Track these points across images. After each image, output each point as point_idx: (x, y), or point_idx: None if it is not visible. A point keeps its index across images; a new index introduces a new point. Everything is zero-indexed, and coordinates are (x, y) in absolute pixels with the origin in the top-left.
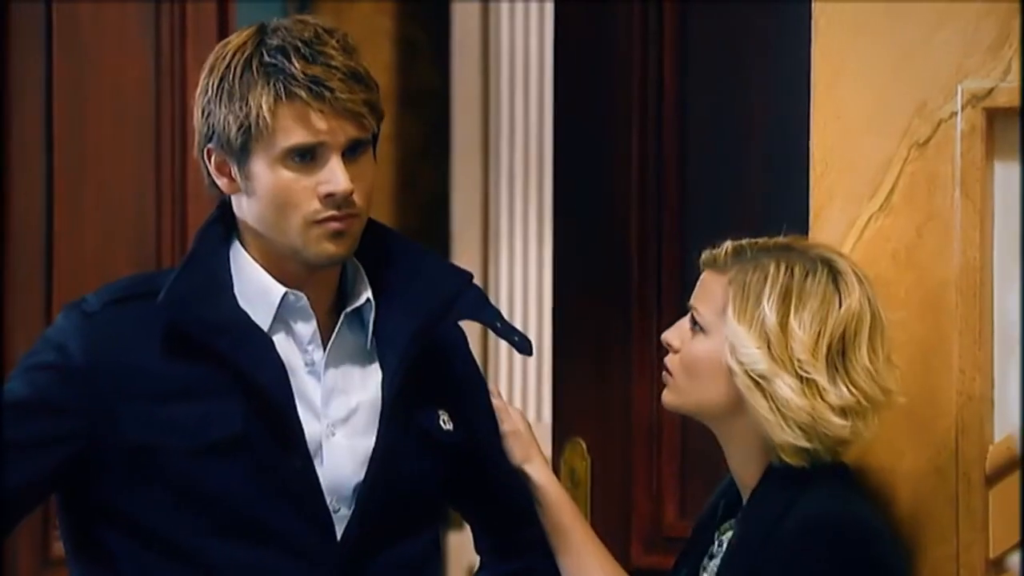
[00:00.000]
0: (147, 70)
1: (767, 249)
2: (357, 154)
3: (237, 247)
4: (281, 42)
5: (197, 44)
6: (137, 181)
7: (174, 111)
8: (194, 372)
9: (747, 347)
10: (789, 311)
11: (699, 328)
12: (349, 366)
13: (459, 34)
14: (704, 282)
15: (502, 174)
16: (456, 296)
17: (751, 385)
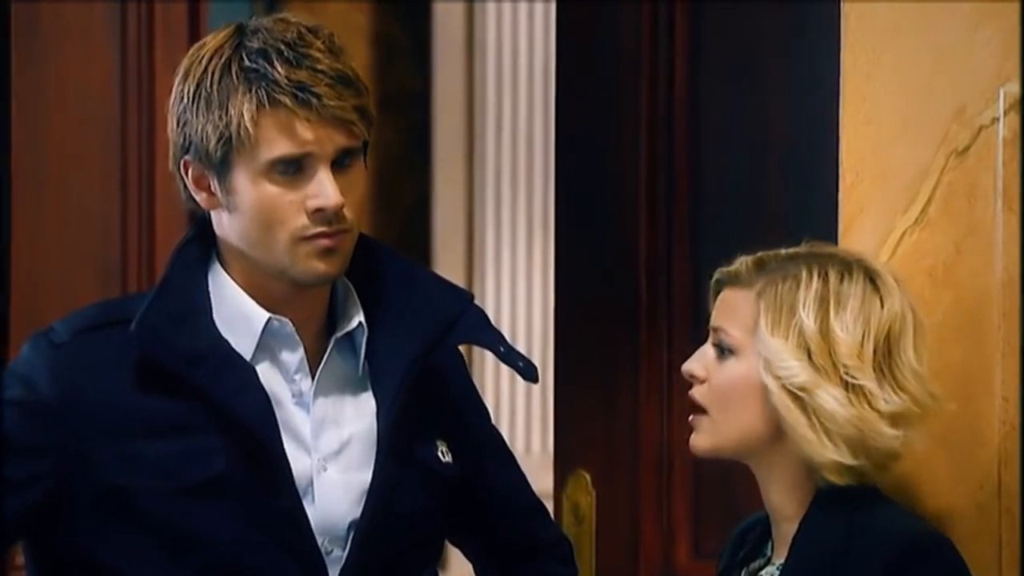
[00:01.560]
0: (112, 74)
1: (793, 258)
2: (347, 164)
3: (216, 268)
4: (262, 44)
5: (166, 46)
6: (101, 192)
7: (141, 117)
8: (171, 406)
9: (785, 360)
10: (829, 315)
11: (727, 351)
12: (340, 395)
13: (441, 31)
14: (726, 300)
15: (487, 182)
16: (456, 318)
17: (789, 402)
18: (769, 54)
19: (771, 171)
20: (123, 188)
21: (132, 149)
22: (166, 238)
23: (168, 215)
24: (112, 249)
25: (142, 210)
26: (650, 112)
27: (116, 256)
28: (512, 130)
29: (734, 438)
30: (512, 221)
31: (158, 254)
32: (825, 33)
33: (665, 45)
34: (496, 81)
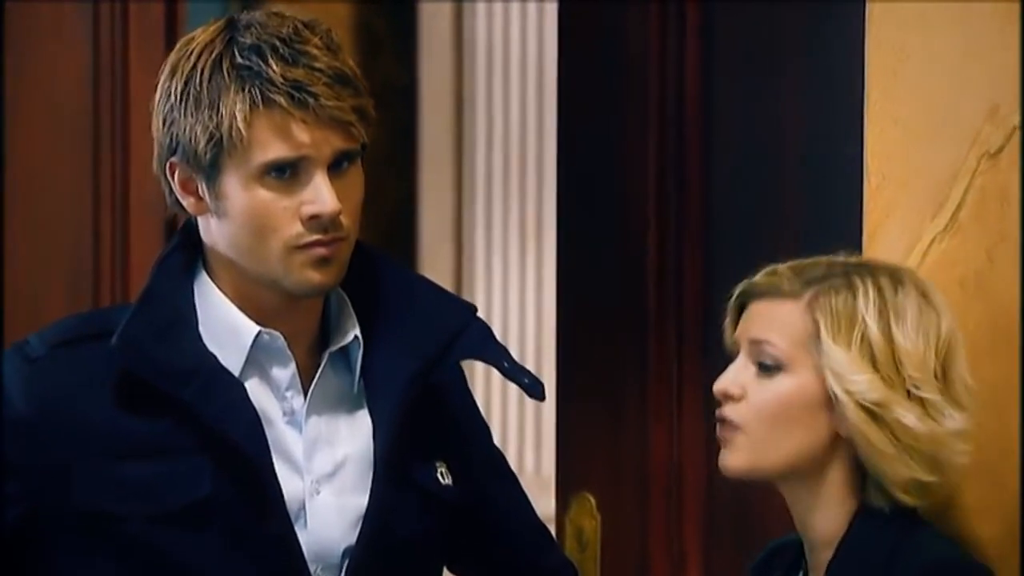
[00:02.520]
0: (84, 76)
1: (835, 268)
2: (344, 168)
3: (203, 278)
4: (255, 40)
5: (141, 47)
6: (72, 200)
7: (115, 120)
8: (155, 426)
9: (856, 374)
10: (890, 324)
11: (773, 366)
12: (334, 414)
13: (427, 24)
14: (764, 313)
15: (477, 183)
16: (458, 333)
17: (866, 418)
18: (787, 51)
19: (788, 175)
20: (95, 195)
21: (105, 154)
22: (141, 247)
23: (143, 223)
24: (83, 258)
25: (115, 217)
26: (659, 114)
27: (87, 266)
28: (503, 128)
29: (782, 458)
30: (503, 225)
31: (132, 264)
32: (847, 28)
33: (675, 43)
34: (486, 76)
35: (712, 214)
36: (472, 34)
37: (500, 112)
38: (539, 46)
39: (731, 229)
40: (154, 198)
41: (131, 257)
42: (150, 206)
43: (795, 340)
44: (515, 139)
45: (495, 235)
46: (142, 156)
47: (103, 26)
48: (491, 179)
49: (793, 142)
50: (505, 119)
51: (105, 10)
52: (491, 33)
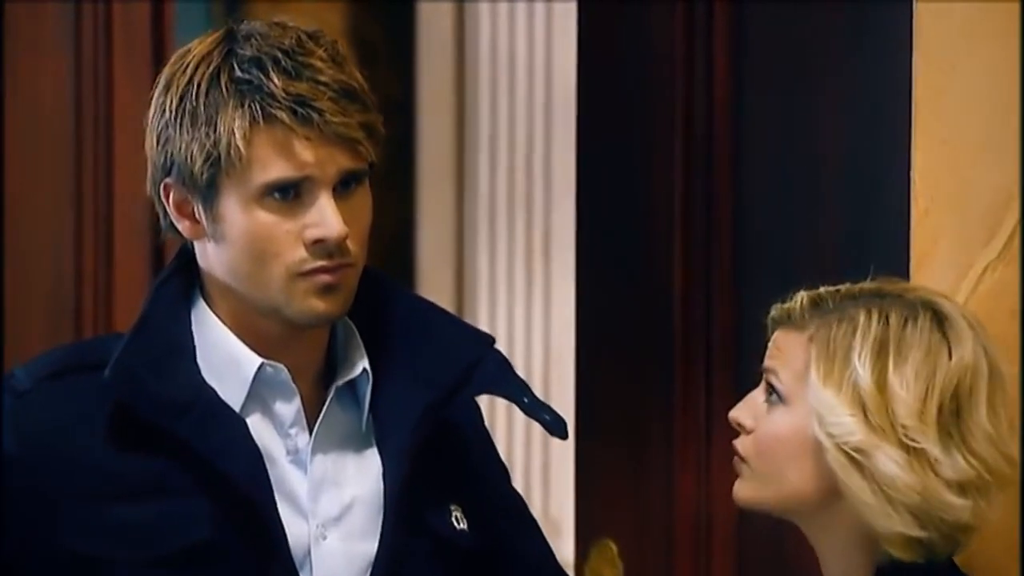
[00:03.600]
0: (65, 83)
1: (853, 297)
2: (351, 189)
3: (201, 306)
4: (256, 52)
5: (126, 52)
6: (52, 219)
7: (98, 133)
8: (149, 464)
9: (838, 415)
10: (887, 367)
11: (777, 398)
12: (341, 452)
13: (426, 32)
14: (778, 342)
15: (480, 202)
16: (474, 365)
17: (845, 462)
18: (826, 59)
19: (827, 194)
20: (77, 215)
21: (87, 168)
22: (126, 273)
23: (129, 247)
24: (64, 285)
25: (99, 239)
26: (686, 125)
27: (69, 293)
28: (508, 143)
29: (780, 495)
30: (508, 247)
31: (117, 291)
32: (893, 36)
33: (702, 48)
34: (490, 88)
35: (743, 237)
36: (475, 40)
37: (505, 125)
38: (547, 52)
39: (764, 254)
40: (141, 220)
41: (115, 284)
42: (136, 229)
43: (796, 374)
44: (521, 155)
45: (499, 259)
46: (127, 174)
47: (85, 28)
48: (495, 198)
49: (832, 159)
50: (510, 133)
51: (87, 12)
52: (495, 39)
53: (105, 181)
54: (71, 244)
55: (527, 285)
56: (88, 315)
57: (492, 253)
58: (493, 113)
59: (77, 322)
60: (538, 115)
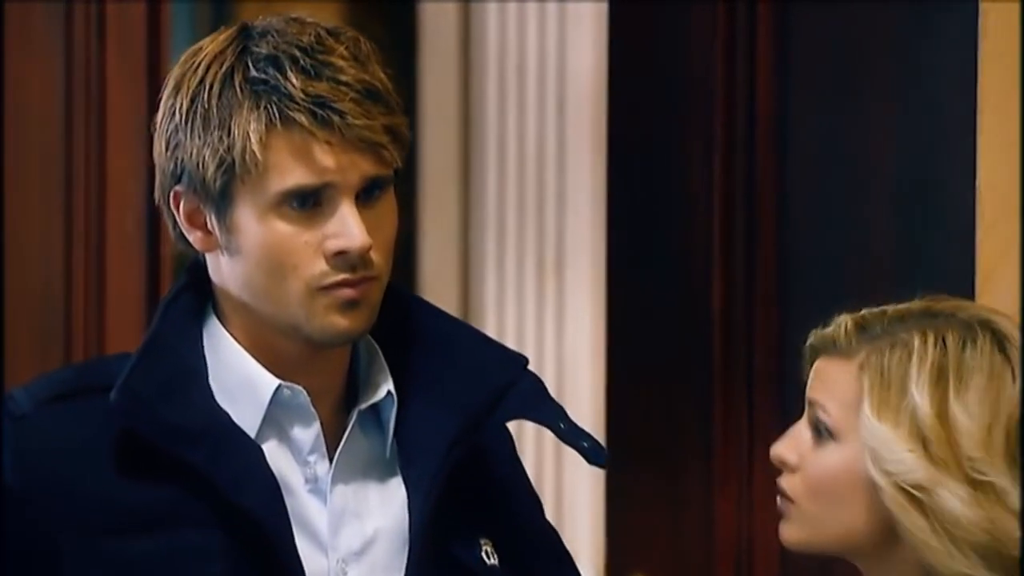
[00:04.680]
0: (55, 86)
1: (902, 319)
2: (375, 197)
3: (213, 324)
4: (272, 50)
5: (120, 52)
6: (40, 231)
7: (89, 136)
8: (159, 494)
9: (896, 452)
10: (948, 395)
11: (826, 433)
12: (363, 482)
13: (430, 35)
14: (821, 372)
15: (487, 215)
16: (506, 388)
17: (905, 502)
18: (879, 61)
19: (881, 206)
20: (67, 227)
21: (79, 175)
22: (117, 283)
23: (122, 262)
24: (54, 303)
25: (90, 253)
26: (726, 134)
27: (59, 307)
28: (518, 150)
29: (834, 536)
30: (518, 263)
31: (108, 303)
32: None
33: (745, 52)
34: (498, 91)
35: (788, 253)
36: (481, 40)
37: (514, 131)
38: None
39: (810, 270)
40: (134, 232)
41: (107, 301)
42: (130, 242)
43: (846, 406)
44: (531, 164)
45: (508, 275)
46: (120, 183)
47: (77, 28)
48: (503, 209)
49: (886, 168)
50: (520, 139)
51: (79, 11)
52: (503, 39)
53: (97, 191)
54: (60, 259)
55: (537, 303)
56: (78, 334)
57: (500, 268)
58: (501, 118)
59: (67, 341)
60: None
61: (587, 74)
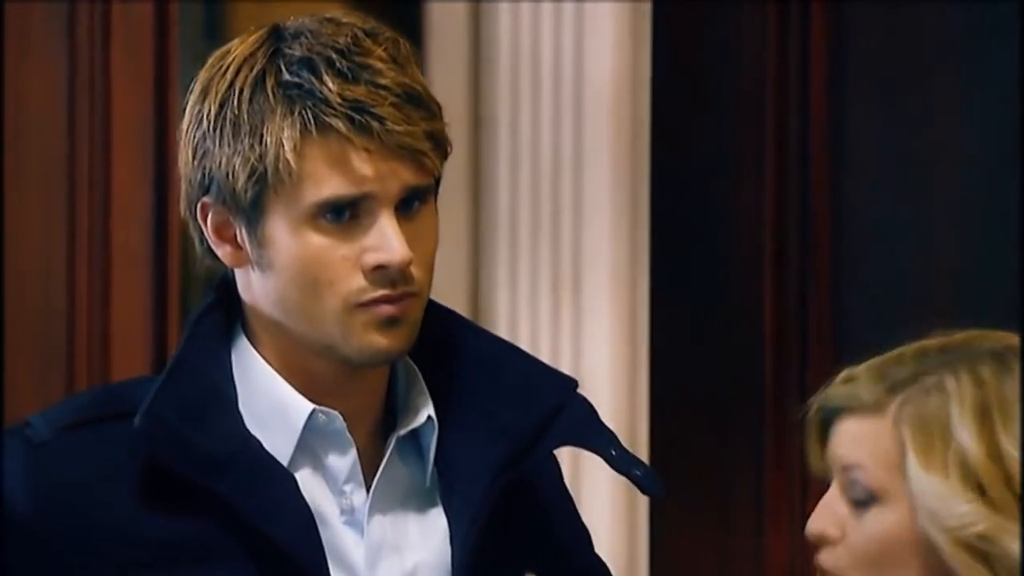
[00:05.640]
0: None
1: (924, 360)
2: (415, 208)
3: (243, 345)
4: (306, 52)
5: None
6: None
7: (93, 144)
8: (186, 526)
9: (954, 505)
10: (996, 432)
11: (867, 498)
12: (403, 512)
13: (438, 34)
14: (849, 433)
15: (499, 226)
16: (555, 413)
17: (969, 558)
18: (940, 63)
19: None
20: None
21: (82, 184)
22: (122, 300)
23: (126, 279)
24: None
25: (94, 263)
26: (777, 139)
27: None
28: (532, 161)
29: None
30: (531, 277)
31: (113, 320)
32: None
33: (798, 53)
34: (510, 95)
35: (844, 271)
36: (492, 46)
37: (527, 137)
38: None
39: (868, 288)
40: (140, 246)
41: (112, 320)
42: (136, 257)
43: (887, 464)
44: (546, 173)
45: (521, 292)
46: (126, 194)
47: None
48: (516, 221)
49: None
50: (533, 146)
51: (83, 11)
52: (516, 40)
53: (101, 202)
54: (62, 275)
55: (553, 321)
56: (81, 356)
57: (512, 286)
58: (514, 124)
59: (69, 364)
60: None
61: (606, 77)
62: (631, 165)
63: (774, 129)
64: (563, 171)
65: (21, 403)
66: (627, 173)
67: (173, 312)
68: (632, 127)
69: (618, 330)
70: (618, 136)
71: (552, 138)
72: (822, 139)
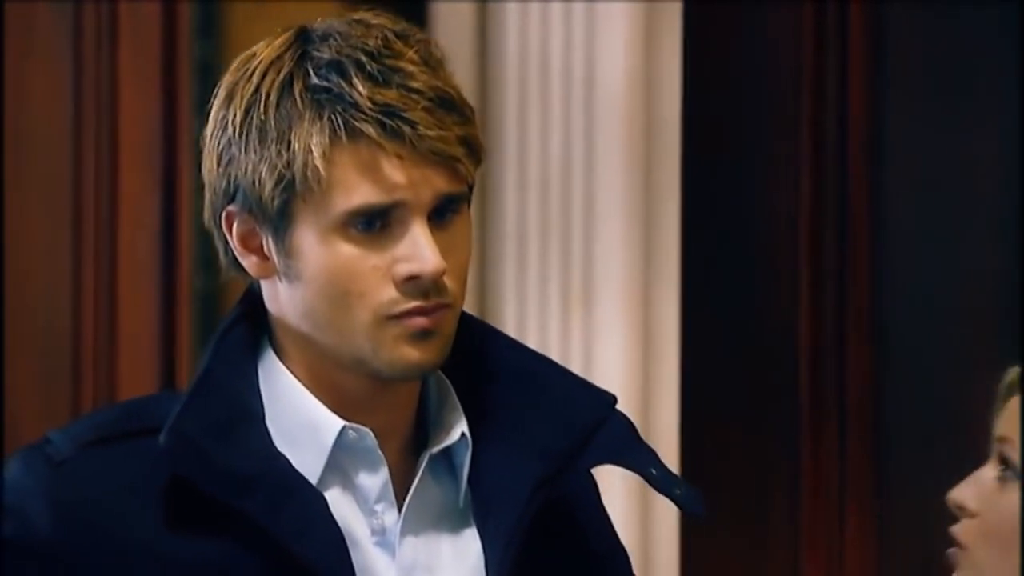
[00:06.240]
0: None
1: None
2: (448, 217)
3: (270, 359)
4: (335, 55)
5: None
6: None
7: (100, 147)
8: (212, 547)
9: None
10: None
11: (1011, 473)
12: (435, 533)
13: (442, 38)
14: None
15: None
16: (593, 430)
17: None
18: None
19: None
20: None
21: (87, 190)
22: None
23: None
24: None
25: (100, 271)
26: (813, 144)
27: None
28: (540, 169)
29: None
30: (540, 289)
31: (120, 330)
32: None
33: (835, 56)
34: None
35: (884, 282)
36: (499, 50)
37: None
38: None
39: (908, 297)
40: (147, 253)
41: (119, 334)
42: (142, 264)
43: None
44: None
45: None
46: (134, 203)
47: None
48: (524, 230)
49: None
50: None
51: (89, 11)
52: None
53: (107, 211)
54: (67, 286)
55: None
56: (87, 371)
57: (520, 300)
58: (521, 130)
59: (74, 380)
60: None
61: (619, 80)
62: (645, 170)
63: (810, 132)
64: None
65: (25, 415)
66: (641, 179)
67: (183, 324)
68: (645, 130)
69: (632, 345)
70: (631, 140)
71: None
72: (860, 142)
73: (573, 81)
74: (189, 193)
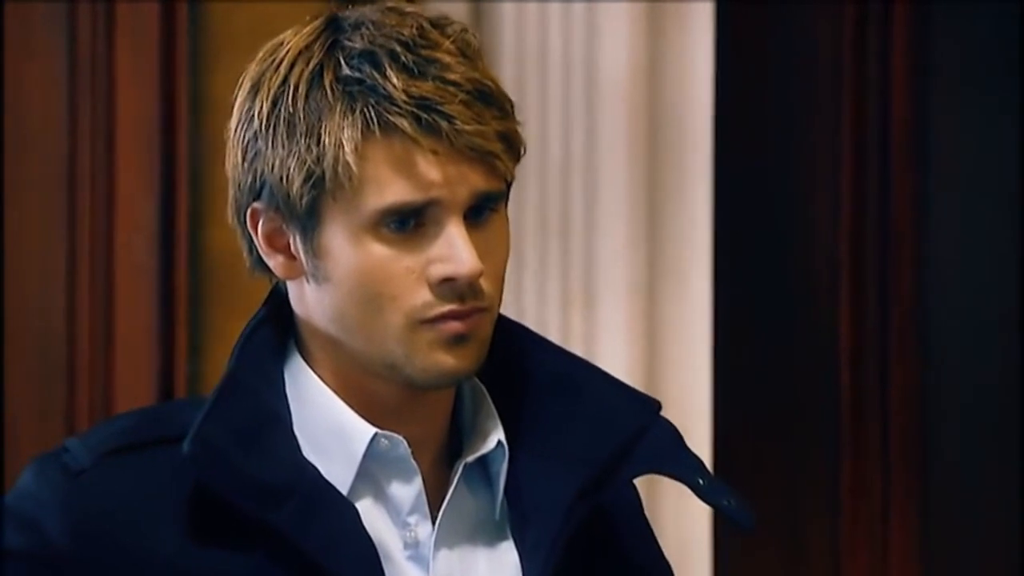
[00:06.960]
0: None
1: None
2: (485, 216)
3: (297, 363)
4: (368, 44)
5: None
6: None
7: (96, 147)
8: (238, 560)
9: None
10: None
11: None
12: (471, 546)
13: None
14: None
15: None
16: (636, 438)
17: None
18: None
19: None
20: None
21: (83, 189)
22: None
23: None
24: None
25: (96, 272)
26: (855, 144)
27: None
28: (540, 167)
29: None
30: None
31: (117, 334)
32: None
33: (877, 54)
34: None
35: (928, 285)
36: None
37: (536, 147)
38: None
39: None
40: (145, 254)
41: (116, 340)
42: (140, 265)
43: None
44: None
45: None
46: (131, 204)
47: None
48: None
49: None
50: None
51: (85, 10)
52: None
53: (104, 212)
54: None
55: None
56: (83, 378)
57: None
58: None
59: (70, 386)
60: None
61: (621, 76)
62: (648, 170)
63: (851, 135)
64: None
65: (20, 417)
66: (644, 178)
67: (180, 328)
68: (649, 129)
69: (636, 351)
70: (634, 139)
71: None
72: (903, 143)
73: (572, 77)
74: (186, 194)
